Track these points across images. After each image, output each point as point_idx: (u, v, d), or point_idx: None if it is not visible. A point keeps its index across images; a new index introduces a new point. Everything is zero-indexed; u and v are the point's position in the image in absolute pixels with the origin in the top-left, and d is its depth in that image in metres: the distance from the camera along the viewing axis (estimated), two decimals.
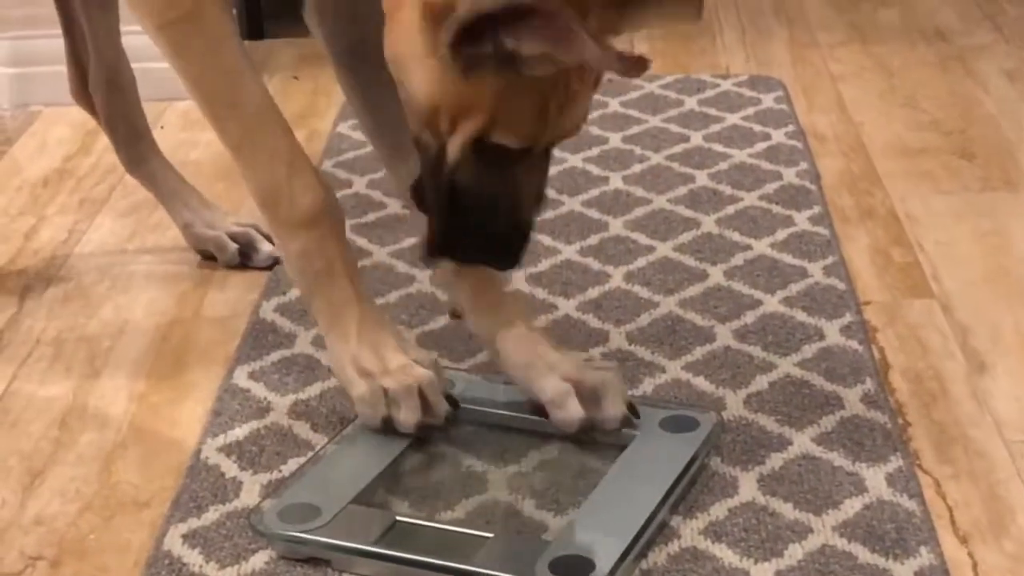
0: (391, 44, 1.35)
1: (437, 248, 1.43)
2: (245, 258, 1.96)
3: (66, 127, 2.50)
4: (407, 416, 1.47)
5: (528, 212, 1.42)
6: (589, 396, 1.47)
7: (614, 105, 2.50)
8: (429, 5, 1.29)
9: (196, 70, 1.47)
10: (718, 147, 2.31)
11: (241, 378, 1.68)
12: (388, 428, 1.49)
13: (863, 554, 1.35)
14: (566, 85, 1.33)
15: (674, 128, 2.40)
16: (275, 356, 1.73)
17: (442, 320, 1.79)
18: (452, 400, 1.51)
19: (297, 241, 1.48)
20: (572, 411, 1.47)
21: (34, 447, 1.58)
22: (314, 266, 1.49)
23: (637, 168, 2.24)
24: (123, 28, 1.93)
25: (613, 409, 1.47)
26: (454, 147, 1.35)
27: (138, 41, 1.92)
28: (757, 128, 2.37)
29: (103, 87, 1.93)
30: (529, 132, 1.34)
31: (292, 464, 1.51)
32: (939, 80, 2.63)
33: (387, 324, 1.54)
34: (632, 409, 1.49)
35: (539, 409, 1.50)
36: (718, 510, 1.42)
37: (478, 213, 1.39)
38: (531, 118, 1.33)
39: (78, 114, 2.52)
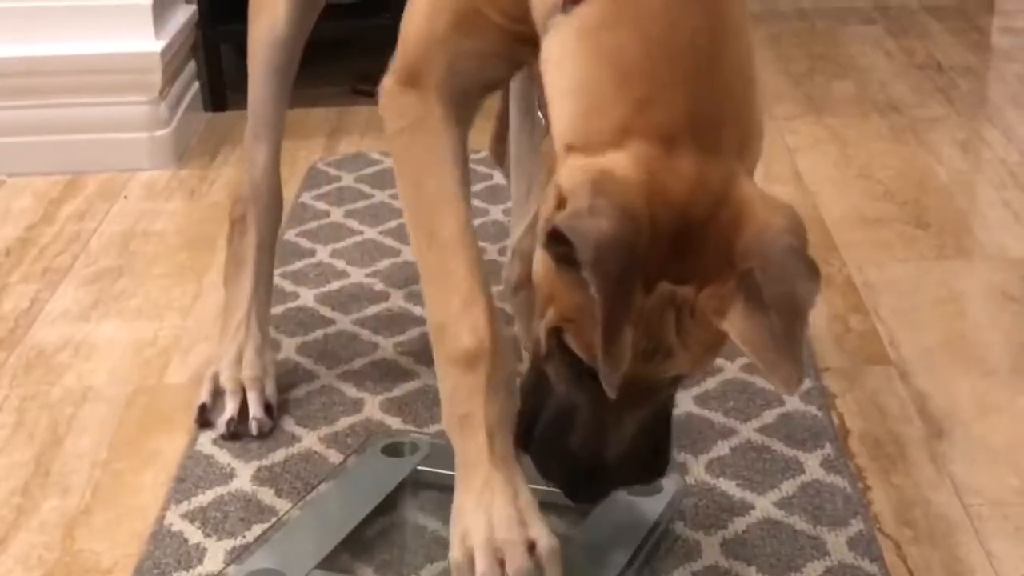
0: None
1: (517, 435, 1.38)
2: None
3: (29, 197, 2.50)
4: None
5: (611, 452, 1.31)
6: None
7: None
8: (558, 188, 1.25)
9: (408, 184, 1.43)
10: None
11: (205, 444, 1.68)
12: None
13: None
14: (657, 334, 1.24)
15: None
16: None
17: (406, 387, 1.80)
18: None
19: (450, 380, 1.40)
20: None
21: None
22: (457, 410, 1.39)
23: None
24: None
25: None
26: (540, 328, 1.31)
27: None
28: None
29: None
30: (595, 351, 1.22)
31: (256, 530, 1.51)
32: (893, 151, 2.68)
33: (515, 489, 1.37)
34: None
35: None
36: (682, 574, 1.43)
37: (557, 420, 1.33)
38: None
39: (41, 184, 2.54)
